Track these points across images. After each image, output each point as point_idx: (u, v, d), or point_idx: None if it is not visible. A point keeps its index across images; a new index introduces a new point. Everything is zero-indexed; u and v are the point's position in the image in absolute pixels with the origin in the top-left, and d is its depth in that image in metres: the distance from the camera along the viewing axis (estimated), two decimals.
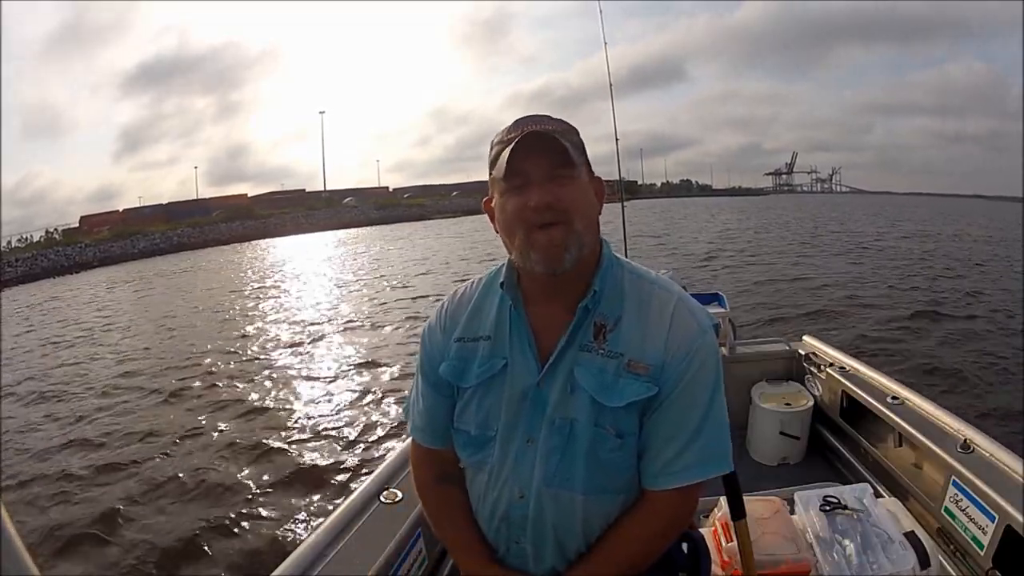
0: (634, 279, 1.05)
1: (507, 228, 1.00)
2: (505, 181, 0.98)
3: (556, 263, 0.97)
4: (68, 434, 6.06)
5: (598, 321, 1.01)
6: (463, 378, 1.08)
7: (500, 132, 1.02)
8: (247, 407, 6.34)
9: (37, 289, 24.63)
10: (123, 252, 38.96)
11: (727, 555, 1.71)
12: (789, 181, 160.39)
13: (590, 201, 1.02)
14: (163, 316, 13.33)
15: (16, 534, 0.43)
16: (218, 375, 7.74)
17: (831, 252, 17.64)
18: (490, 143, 1.03)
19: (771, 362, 3.16)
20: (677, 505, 1.02)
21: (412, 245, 28.40)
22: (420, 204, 67.32)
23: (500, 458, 1.04)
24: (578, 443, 0.99)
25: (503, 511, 1.05)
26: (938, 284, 11.40)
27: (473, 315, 1.10)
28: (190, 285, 19.79)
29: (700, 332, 1.00)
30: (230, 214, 54.97)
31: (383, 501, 1.67)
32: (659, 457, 0.99)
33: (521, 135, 0.96)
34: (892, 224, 30.30)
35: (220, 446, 5.32)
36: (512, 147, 0.95)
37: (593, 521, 1.02)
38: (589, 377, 0.99)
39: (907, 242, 20.55)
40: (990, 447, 1.82)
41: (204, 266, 27.09)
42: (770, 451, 2.94)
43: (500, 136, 1.01)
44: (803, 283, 11.78)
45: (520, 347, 1.04)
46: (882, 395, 2.37)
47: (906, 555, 1.62)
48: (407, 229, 43.13)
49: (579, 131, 1.04)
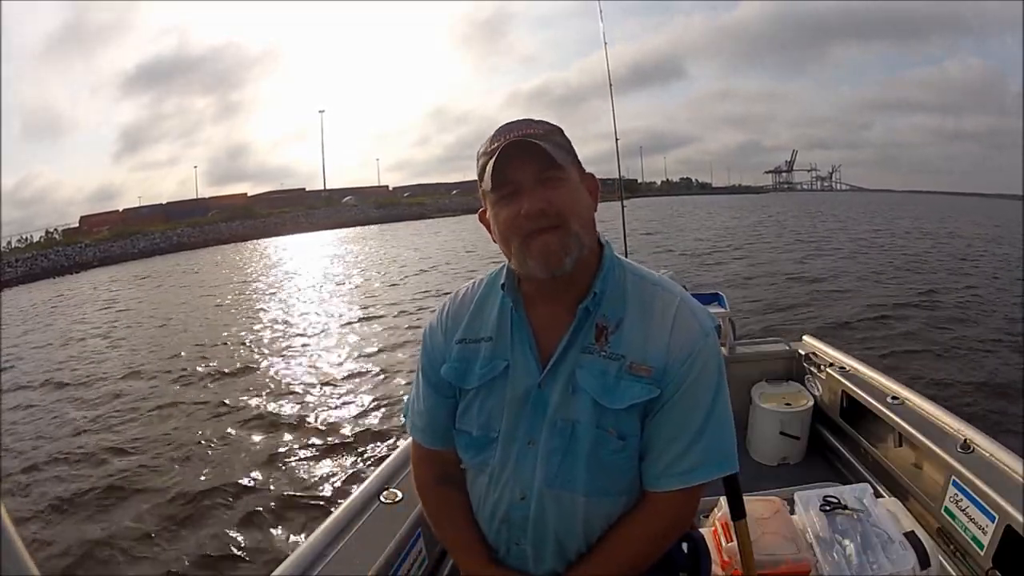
0: (636, 280, 1.05)
1: (503, 238, 1.00)
2: (495, 192, 0.98)
3: (555, 267, 0.97)
4: (66, 433, 6.10)
5: (600, 323, 1.01)
6: (465, 380, 1.08)
7: (484, 143, 1.01)
8: (247, 407, 6.34)
9: (38, 289, 24.63)
10: (123, 252, 38.90)
11: (727, 555, 1.71)
12: (789, 179, 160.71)
13: (583, 201, 1.02)
14: (159, 316, 13.32)
15: (16, 534, 0.43)
16: (217, 375, 7.74)
17: (832, 250, 17.65)
18: (476, 155, 1.02)
19: (771, 362, 3.16)
20: (679, 506, 1.02)
21: (413, 245, 28.35)
22: (420, 203, 67.26)
23: (501, 459, 1.04)
24: (580, 445, 0.99)
25: (504, 512, 1.05)
26: (939, 285, 11.39)
27: (474, 316, 1.10)
28: (188, 285, 19.75)
29: (702, 334, 1.00)
30: (229, 214, 54.87)
31: (383, 501, 1.66)
32: (661, 459, 0.99)
33: (502, 144, 0.96)
34: (890, 222, 30.34)
35: (220, 446, 5.33)
36: (496, 157, 0.95)
37: (594, 522, 1.02)
38: (591, 379, 0.99)
39: (906, 240, 20.61)
40: (990, 447, 1.82)
41: (202, 266, 27.04)
42: (770, 451, 2.94)
43: (484, 147, 1.01)
44: (802, 283, 11.78)
45: (521, 349, 1.04)
46: (882, 395, 2.37)
47: (906, 555, 1.62)
48: (408, 228, 43.11)
49: (568, 130, 1.04)
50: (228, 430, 5.69)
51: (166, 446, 5.44)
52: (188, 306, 14.55)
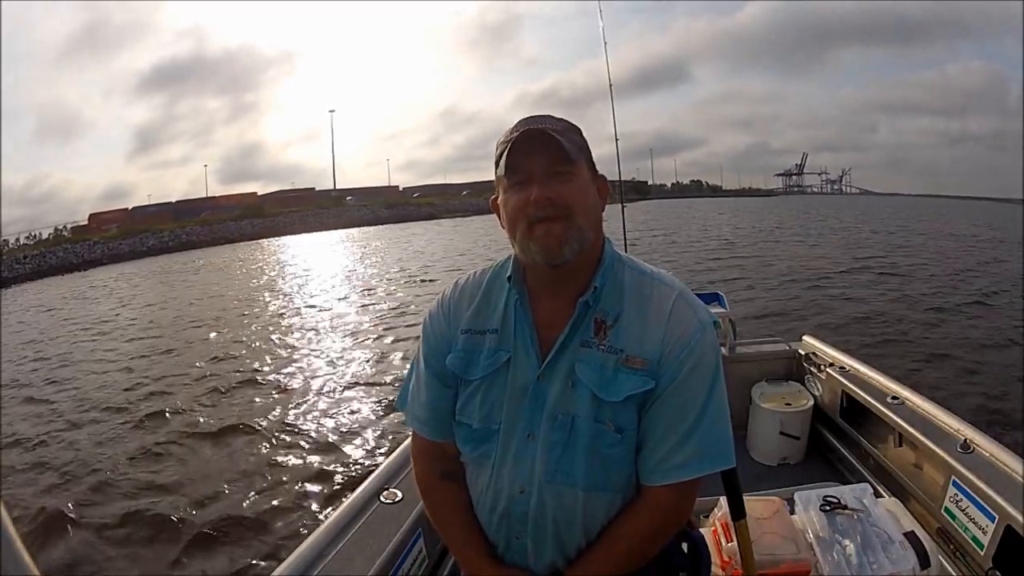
0: (635, 275, 1.06)
1: (510, 223, 1.02)
2: (507, 178, 1.01)
3: (555, 255, 0.98)
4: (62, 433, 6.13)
5: (599, 317, 1.02)
6: (469, 370, 1.08)
7: (505, 132, 1.04)
8: (247, 407, 6.35)
9: (44, 286, 24.82)
10: (132, 250, 39.25)
11: (727, 555, 1.71)
12: (799, 182, 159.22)
13: (592, 198, 1.03)
14: (159, 316, 13.43)
15: (16, 534, 0.43)
16: (217, 375, 7.73)
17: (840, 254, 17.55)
18: (495, 143, 1.05)
19: (771, 362, 3.16)
20: (676, 500, 1.02)
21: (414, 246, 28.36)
22: (430, 203, 67.46)
23: (502, 453, 1.05)
24: (579, 438, 1.00)
25: (504, 506, 1.05)
26: (938, 283, 11.34)
27: (481, 307, 1.11)
28: (196, 283, 19.88)
29: (699, 327, 1.00)
30: (239, 213, 55.16)
31: (383, 501, 1.67)
32: (655, 453, 0.99)
33: (521, 134, 0.99)
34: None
35: (220, 446, 5.32)
36: (511, 145, 0.99)
37: (594, 517, 1.02)
38: (590, 372, 1.00)
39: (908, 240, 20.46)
40: (990, 447, 1.82)
41: (212, 263, 27.20)
42: (770, 451, 2.94)
43: (504, 136, 1.03)
44: (802, 283, 11.71)
45: (523, 341, 1.05)
46: (882, 395, 2.37)
47: (906, 555, 1.62)
48: (417, 228, 43.12)
49: (583, 131, 1.06)
50: (228, 430, 5.67)
51: (166, 447, 5.44)
52: (189, 305, 14.63)
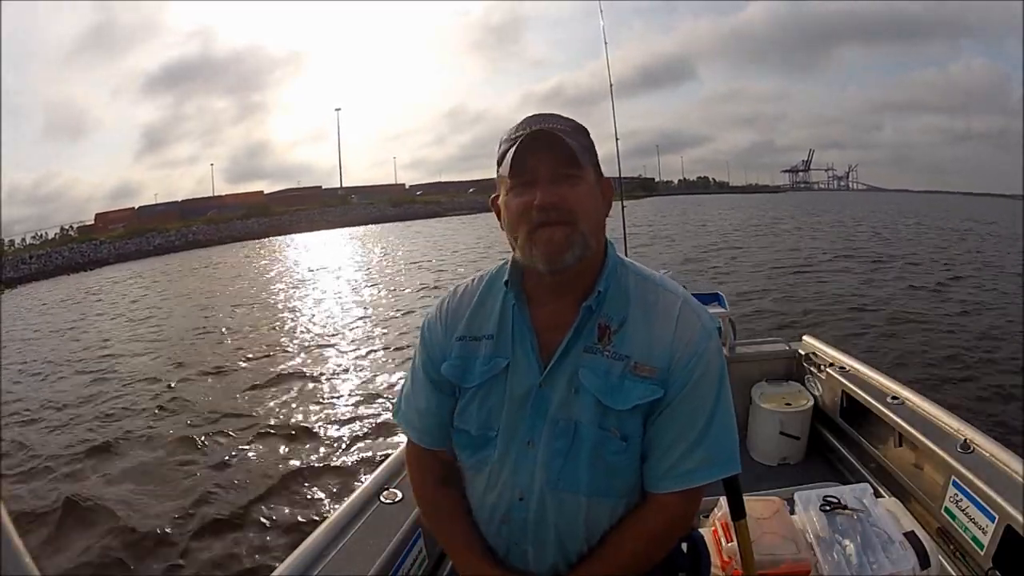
0: (639, 280, 1.05)
1: (511, 225, 0.99)
2: (511, 178, 0.98)
3: (558, 261, 0.96)
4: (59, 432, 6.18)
5: (602, 323, 1.01)
6: (465, 378, 1.06)
7: (509, 130, 1.01)
8: (247, 407, 6.35)
9: (54, 286, 24.93)
10: (138, 249, 39.37)
11: (727, 555, 1.72)
12: (806, 179, 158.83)
13: (596, 203, 1.01)
14: (161, 316, 13.45)
15: (16, 534, 0.43)
16: (217, 375, 7.75)
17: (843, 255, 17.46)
18: (499, 141, 1.02)
19: (771, 362, 3.15)
20: (681, 507, 1.01)
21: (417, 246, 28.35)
22: (436, 201, 67.50)
23: (500, 459, 1.03)
24: (582, 445, 0.99)
25: (503, 513, 1.04)
26: (939, 283, 11.27)
27: (475, 313, 1.09)
28: (200, 284, 19.91)
29: (706, 335, 1.00)
30: (245, 212, 55.34)
31: (383, 501, 1.66)
32: (664, 460, 0.99)
33: (528, 133, 0.96)
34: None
35: (220, 446, 5.33)
36: (518, 145, 0.95)
37: (597, 523, 1.01)
38: (594, 379, 0.98)
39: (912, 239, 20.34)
40: (990, 447, 1.81)
41: (220, 262, 27.27)
42: (770, 451, 2.93)
43: (508, 134, 1.00)
44: (802, 283, 11.66)
45: (522, 347, 1.03)
46: (882, 395, 2.36)
47: (906, 555, 1.62)
48: (422, 226, 43.08)
49: (589, 131, 1.04)
50: (228, 430, 5.67)
51: (165, 443, 5.47)
52: (193, 305, 14.68)
